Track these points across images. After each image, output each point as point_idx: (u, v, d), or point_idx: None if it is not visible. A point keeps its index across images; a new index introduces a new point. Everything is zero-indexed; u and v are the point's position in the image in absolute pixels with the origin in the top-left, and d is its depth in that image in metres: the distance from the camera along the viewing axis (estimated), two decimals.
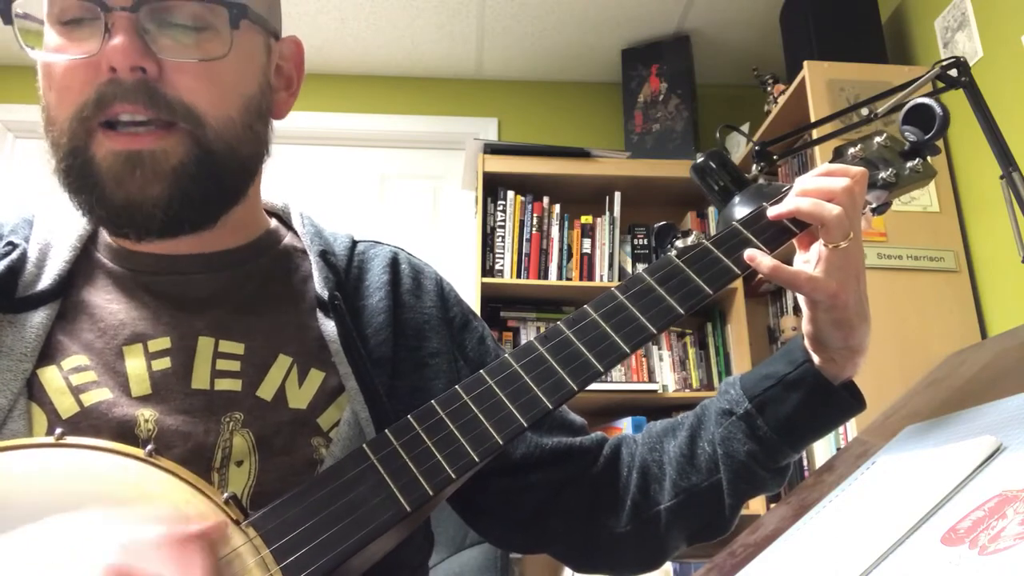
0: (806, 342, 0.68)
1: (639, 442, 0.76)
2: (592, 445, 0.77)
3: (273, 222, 0.79)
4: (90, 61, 0.60)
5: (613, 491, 0.74)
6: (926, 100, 0.75)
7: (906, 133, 0.75)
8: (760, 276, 0.63)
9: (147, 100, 0.61)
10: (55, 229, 0.72)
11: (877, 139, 0.75)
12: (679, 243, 0.64)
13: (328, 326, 0.69)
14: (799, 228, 0.65)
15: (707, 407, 0.72)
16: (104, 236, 0.72)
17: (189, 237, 0.68)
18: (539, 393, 0.55)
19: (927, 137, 0.74)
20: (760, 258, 0.62)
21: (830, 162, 0.72)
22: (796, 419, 0.66)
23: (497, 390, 0.55)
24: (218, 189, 0.66)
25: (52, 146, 0.63)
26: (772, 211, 0.65)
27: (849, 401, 0.67)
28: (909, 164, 0.74)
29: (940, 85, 1.31)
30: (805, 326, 0.67)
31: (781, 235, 0.65)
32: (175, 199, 0.62)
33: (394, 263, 0.80)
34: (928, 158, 0.75)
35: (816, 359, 0.67)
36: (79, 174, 0.62)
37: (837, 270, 0.63)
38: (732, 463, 0.68)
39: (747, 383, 0.69)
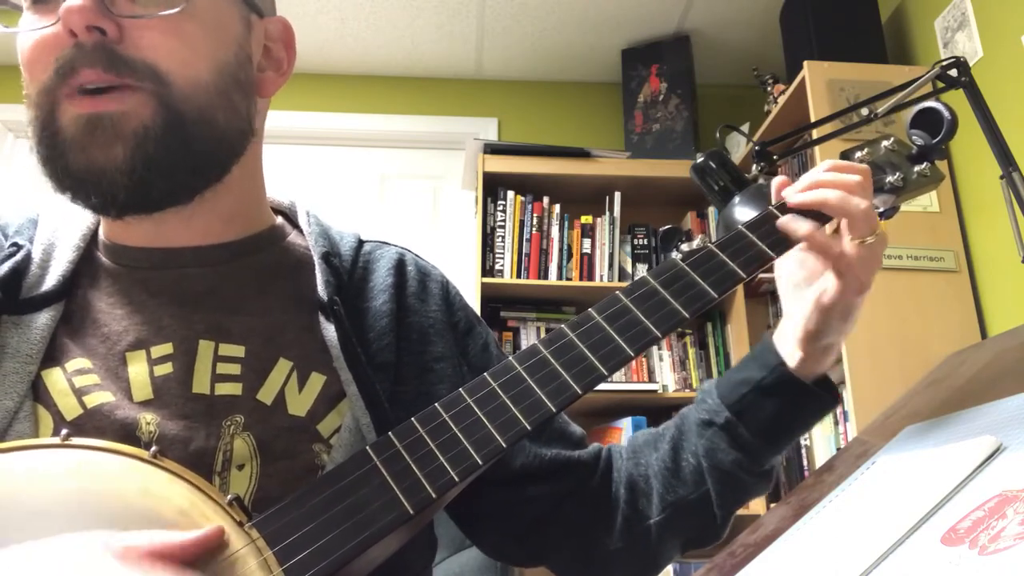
0: (788, 340, 0.67)
1: (623, 456, 0.76)
2: (590, 459, 0.76)
3: (279, 219, 0.78)
4: (56, 33, 0.60)
5: (607, 506, 0.74)
6: (934, 104, 0.75)
7: (913, 137, 0.74)
8: (760, 276, 0.63)
9: (106, 62, 0.59)
10: (59, 229, 0.71)
11: (884, 143, 0.74)
12: (684, 246, 0.63)
13: (329, 330, 0.68)
14: None
15: (686, 417, 0.72)
16: (103, 233, 0.72)
17: (179, 226, 0.67)
18: (542, 396, 0.55)
19: (935, 141, 0.74)
20: (795, 224, 0.62)
21: None
22: (776, 423, 0.66)
23: (500, 393, 0.55)
24: (188, 155, 0.63)
25: (29, 124, 0.63)
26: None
27: (825, 398, 0.67)
28: (916, 168, 0.74)
29: (940, 85, 1.31)
30: (803, 321, 0.66)
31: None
32: (138, 161, 0.60)
33: (400, 265, 0.78)
34: (935, 162, 0.75)
35: (791, 361, 0.66)
36: (48, 144, 0.61)
37: (864, 265, 0.63)
38: (718, 473, 0.67)
39: (723, 390, 0.69)
